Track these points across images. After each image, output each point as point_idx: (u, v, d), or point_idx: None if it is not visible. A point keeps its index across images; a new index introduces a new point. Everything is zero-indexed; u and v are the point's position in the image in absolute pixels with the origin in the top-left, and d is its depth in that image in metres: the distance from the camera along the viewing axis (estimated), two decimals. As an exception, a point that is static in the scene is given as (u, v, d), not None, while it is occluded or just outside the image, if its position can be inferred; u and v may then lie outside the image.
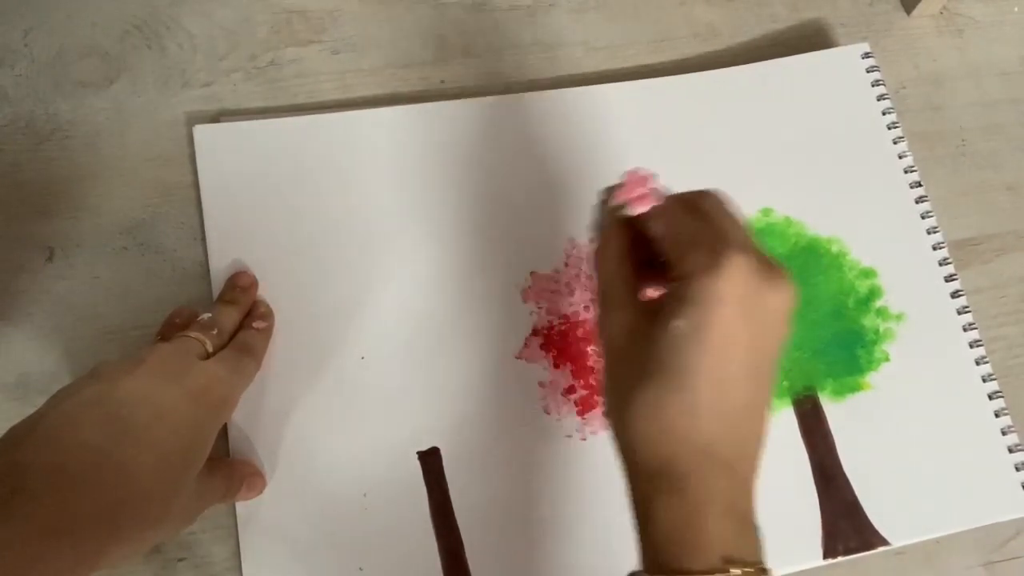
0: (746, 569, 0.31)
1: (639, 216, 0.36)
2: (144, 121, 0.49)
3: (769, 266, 0.33)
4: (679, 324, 0.32)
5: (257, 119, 0.49)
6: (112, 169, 0.48)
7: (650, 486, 0.33)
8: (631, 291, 0.35)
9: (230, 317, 0.43)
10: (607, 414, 0.35)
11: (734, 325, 0.32)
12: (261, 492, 0.43)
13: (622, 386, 0.34)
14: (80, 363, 0.44)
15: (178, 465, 0.35)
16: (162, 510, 0.35)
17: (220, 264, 0.46)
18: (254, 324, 0.43)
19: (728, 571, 0.30)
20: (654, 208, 0.35)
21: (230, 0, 0.52)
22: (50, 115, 0.48)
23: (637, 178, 0.36)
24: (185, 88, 0.50)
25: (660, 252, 0.35)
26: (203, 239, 0.47)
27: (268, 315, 0.45)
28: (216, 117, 0.49)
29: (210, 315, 0.42)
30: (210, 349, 0.40)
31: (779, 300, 0.33)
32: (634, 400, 0.32)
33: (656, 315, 0.33)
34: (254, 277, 0.46)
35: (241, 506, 0.43)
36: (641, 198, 0.35)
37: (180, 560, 0.42)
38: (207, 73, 0.51)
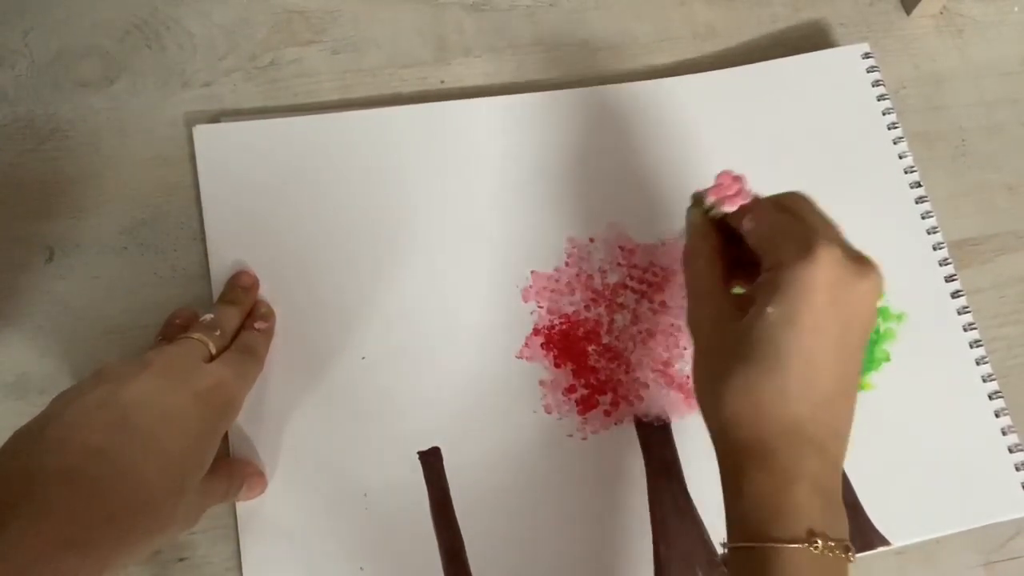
0: (830, 543, 0.33)
1: (732, 215, 0.38)
2: (144, 121, 0.49)
3: (858, 257, 0.36)
4: (772, 310, 0.34)
5: (257, 119, 0.49)
6: (112, 169, 0.48)
7: (740, 461, 0.35)
8: (721, 284, 0.38)
9: (232, 317, 0.43)
10: (699, 398, 0.38)
11: (825, 312, 0.34)
12: (262, 492, 0.42)
13: (715, 370, 0.36)
14: (80, 363, 0.44)
15: (184, 469, 0.35)
16: (168, 515, 0.35)
17: (220, 264, 0.46)
18: (255, 324, 0.43)
19: (814, 543, 0.33)
20: (745, 206, 0.38)
21: (230, 0, 0.52)
22: (50, 115, 0.48)
23: (730, 178, 0.38)
24: (185, 88, 0.50)
25: (751, 249, 0.37)
26: (203, 239, 0.47)
27: (269, 315, 0.45)
28: (216, 117, 0.49)
29: (212, 316, 0.42)
30: (213, 351, 0.40)
31: (867, 288, 0.35)
32: (728, 382, 0.35)
33: (745, 305, 0.36)
34: (255, 277, 0.45)
35: (241, 506, 0.43)
36: (734, 196, 0.38)
37: (180, 560, 0.42)
38: (207, 73, 0.51)
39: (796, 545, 0.33)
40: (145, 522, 0.34)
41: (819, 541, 0.33)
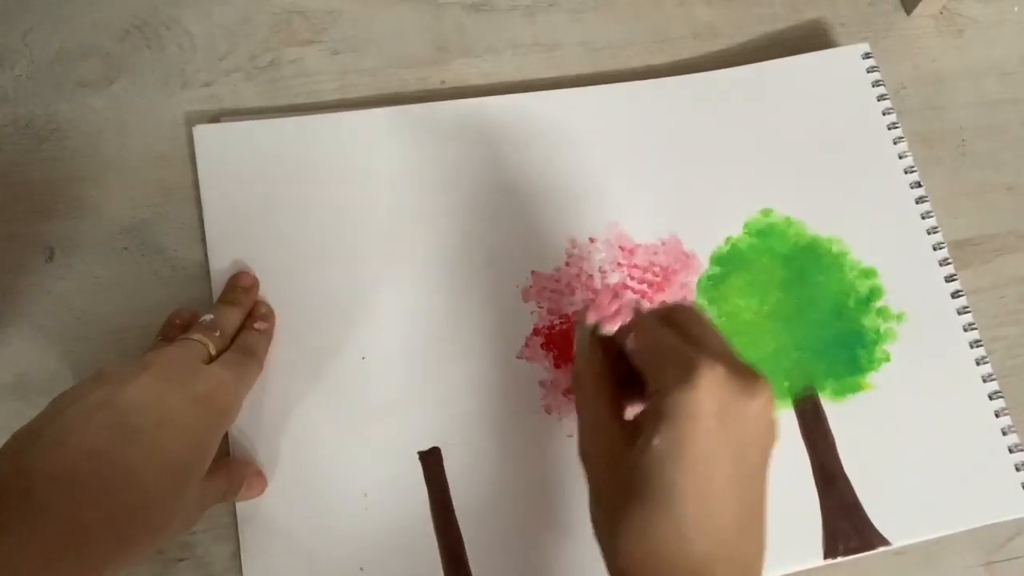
0: None
1: (617, 333, 0.36)
2: (144, 121, 0.49)
3: (744, 373, 0.32)
4: (658, 442, 0.31)
5: (257, 119, 0.49)
6: (112, 169, 0.48)
7: None
8: (611, 410, 0.35)
9: (232, 318, 0.43)
10: (597, 538, 0.34)
11: (713, 438, 0.31)
12: (262, 492, 0.42)
13: (608, 508, 0.33)
14: (80, 363, 0.44)
15: (183, 471, 0.35)
16: (167, 516, 0.34)
17: (220, 264, 0.46)
18: (255, 325, 0.43)
19: None
20: (628, 323, 0.36)
21: (230, 0, 0.52)
22: (50, 115, 0.48)
23: (608, 296, 0.36)
24: (185, 88, 0.50)
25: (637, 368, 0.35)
26: (203, 239, 0.47)
27: (269, 315, 0.45)
28: (216, 117, 0.49)
29: (212, 316, 0.42)
30: (213, 352, 0.40)
31: (757, 407, 0.32)
32: (620, 522, 0.32)
33: (637, 434, 0.32)
34: (255, 277, 0.45)
35: (241, 506, 0.43)
36: (613, 315, 0.35)
37: (180, 560, 0.42)
38: (207, 73, 0.51)
39: None
40: (144, 523, 0.33)
41: None
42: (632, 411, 0.36)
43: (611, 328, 0.36)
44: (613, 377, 0.36)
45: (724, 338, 0.35)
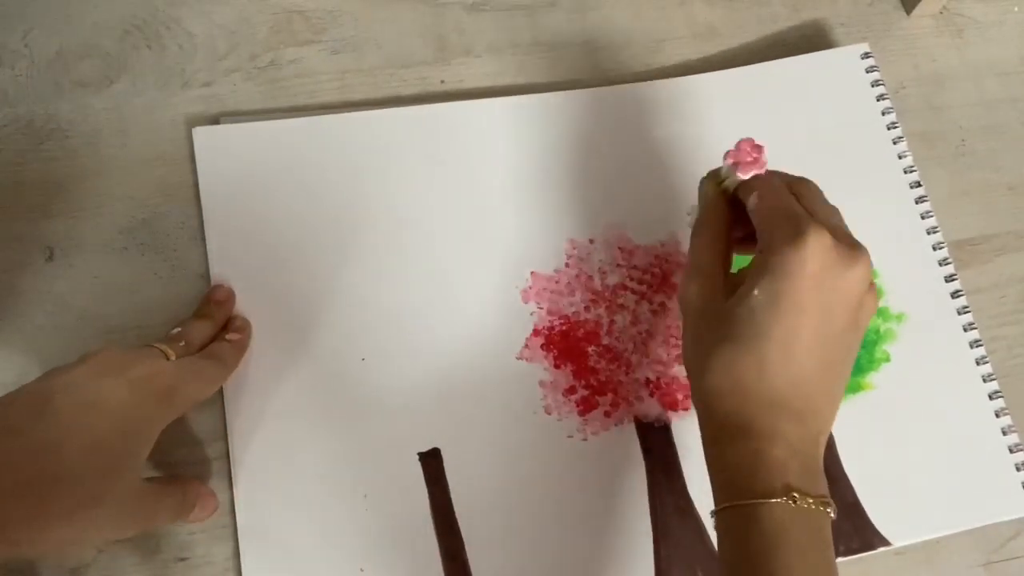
0: (808, 499, 0.34)
1: (741, 185, 0.39)
2: (144, 121, 0.49)
3: (849, 246, 0.37)
4: (757, 293, 0.36)
5: (257, 120, 0.49)
6: (112, 169, 0.48)
7: (722, 432, 0.37)
8: (721, 261, 0.39)
9: (200, 330, 0.43)
10: (687, 373, 0.39)
11: (807, 296, 0.35)
12: (213, 513, 0.42)
13: (701, 345, 0.38)
14: (80, 363, 0.44)
15: (114, 450, 0.35)
16: (96, 491, 0.35)
17: (220, 264, 0.46)
18: (227, 336, 0.43)
19: (792, 497, 0.34)
20: (756, 178, 0.39)
21: (230, 0, 0.52)
22: (50, 115, 0.48)
23: (750, 145, 0.39)
24: (185, 88, 0.50)
25: (754, 226, 0.38)
26: (203, 239, 0.47)
27: (243, 328, 0.44)
28: (216, 118, 0.49)
29: (180, 329, 0.42)
30: (172, 358, 0.40)
31: (854, 276, 0.36)
32: (711, 358, 0.37)
33: (736, 285, 0.37)
34: (231, 291, 0.45)
35: (240, 506, 0.43)
36: (751, 163, 0.39)
37: (180, 560, 0.42)
38: (207, 73, 0.51)
39: (775, 500, 0.34)
40: (66, 495, 0.34)
41: (796, 495, 0.34)
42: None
43: (744, 175, 0.39)
44: (730, 234, 0.40)
45: (837, 213, 0.39)
